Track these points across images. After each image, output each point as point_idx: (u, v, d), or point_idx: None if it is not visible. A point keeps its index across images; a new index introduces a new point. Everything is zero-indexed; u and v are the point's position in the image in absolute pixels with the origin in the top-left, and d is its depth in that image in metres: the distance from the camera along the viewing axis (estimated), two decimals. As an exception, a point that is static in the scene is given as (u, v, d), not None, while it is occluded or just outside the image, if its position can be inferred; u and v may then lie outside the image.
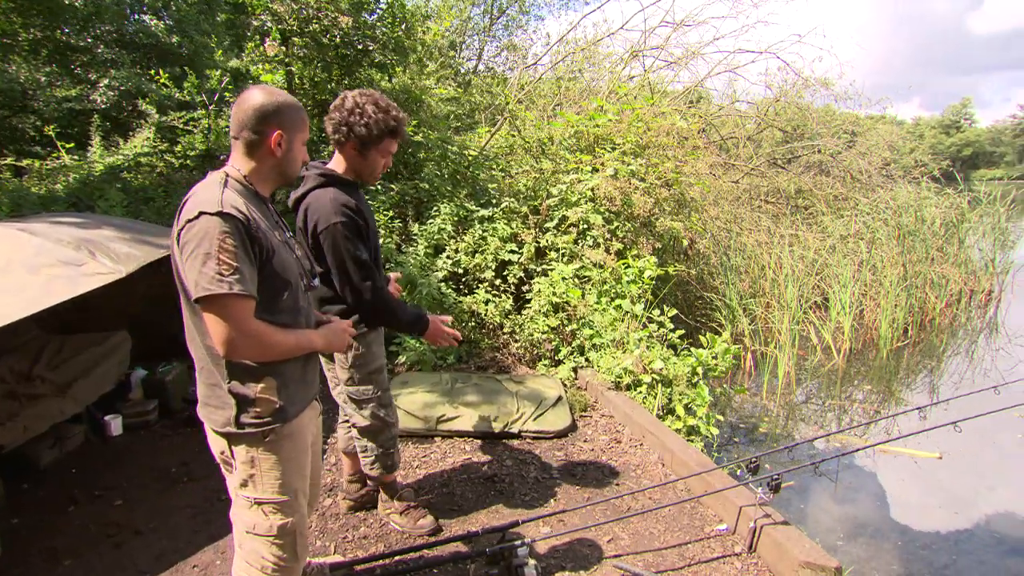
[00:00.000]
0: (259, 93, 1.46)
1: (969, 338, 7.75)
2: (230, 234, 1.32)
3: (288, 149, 1.51)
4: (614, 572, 2.28)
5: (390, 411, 2.33)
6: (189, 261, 1.31)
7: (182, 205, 1.39)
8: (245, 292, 1.32)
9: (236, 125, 1.46)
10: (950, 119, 65.75)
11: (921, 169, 11.34)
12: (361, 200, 2.12)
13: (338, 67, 5.70)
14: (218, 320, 1.32)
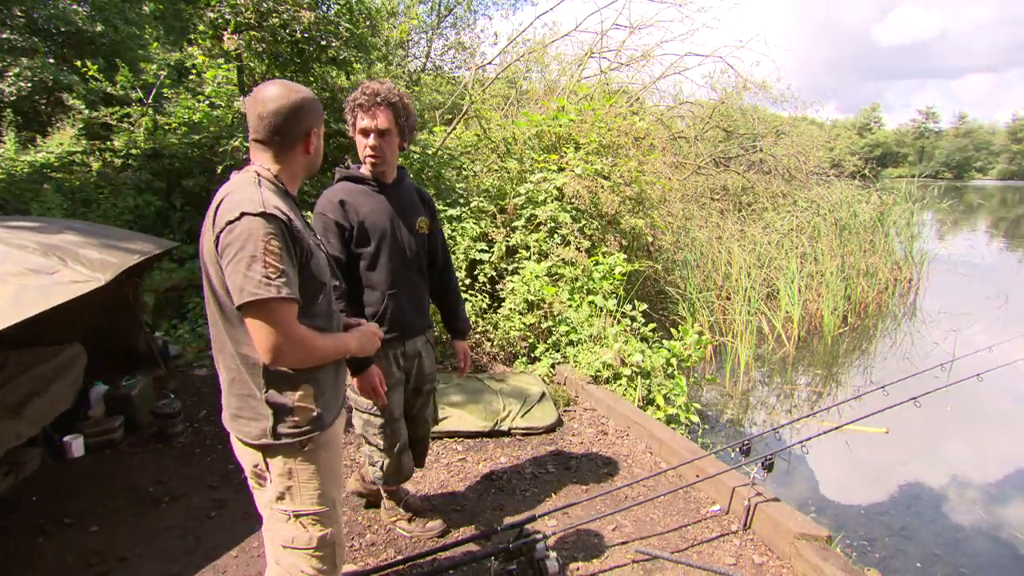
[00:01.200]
0: (280, 91, 1.37)
1: (896, 323, 8.43)
2: (275, 235, 1.25)
3: (318, 144, 1.47)
4: (633, 555, 2.34)
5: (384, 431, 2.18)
6: (232, 265, 1.24)
7: (216, 207, 1.31)
8: (292, 295, 1.26)
9: (263, 129, 1.37)
10: (862, 122, 71.04)
11: (853, 167, 12.19)
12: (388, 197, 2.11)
13: (293, 63, 5.49)
14: (264, 326, 1.25)
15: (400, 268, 2.11)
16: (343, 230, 1.99)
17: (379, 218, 2.04)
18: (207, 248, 1.33)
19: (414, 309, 2.19)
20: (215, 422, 3.49)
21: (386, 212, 2.06)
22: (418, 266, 2.20)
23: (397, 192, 2.13)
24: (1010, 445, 4.70)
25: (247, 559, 2.30)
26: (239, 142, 4.79)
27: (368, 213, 2.02)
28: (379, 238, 2.04)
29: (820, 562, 2.19)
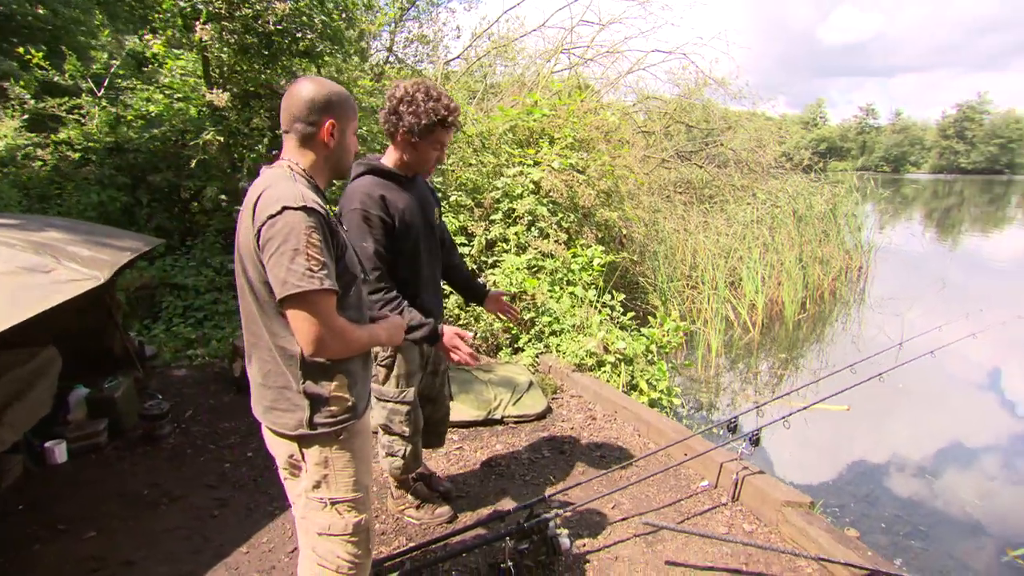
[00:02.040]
0: (309, 84, 1.41)
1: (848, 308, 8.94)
2: (315, 229, 1.28)
3: (341, 139, 1.47)
4: (635, 529, 2.47)
5: (409, 417, 2.25)
6: (275, 258, 1.26)
7: (254, 201, 1.32)
8: (334, 287, 1.30)
9: (288, 118, 1.41)
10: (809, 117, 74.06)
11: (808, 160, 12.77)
12: (410, 192, 2.06)
13: (261, 55, 5.36)
14: (307, 317, 1.28)
15: (430, 259, 2.17)
16: (386, 224, 1.97)
17: (414, 212, 2.06)
18: (245, 243, 1.34)
19: (436, 296, 2.27)
20: (203, 422, 3.43)
21: (416, 206, 2.09)
22: (438, 255, 2.27)
23: (417, 184, 2.16)
24: (956, 416, 5.11)
25: (259, 555, 2.31)
26: (211, 135, 4.66)
27: (404, 208, 2.02)
28: (416, 232, 2.07)
29: (806, 526, 2.38)
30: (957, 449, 4.49)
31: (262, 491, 2.76)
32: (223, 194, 4.94)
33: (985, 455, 4.42)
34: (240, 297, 1.44)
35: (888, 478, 3.99)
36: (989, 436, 4.73)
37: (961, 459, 4.35)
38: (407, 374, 2.21)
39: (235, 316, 4.61)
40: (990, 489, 3.89)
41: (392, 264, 2.02)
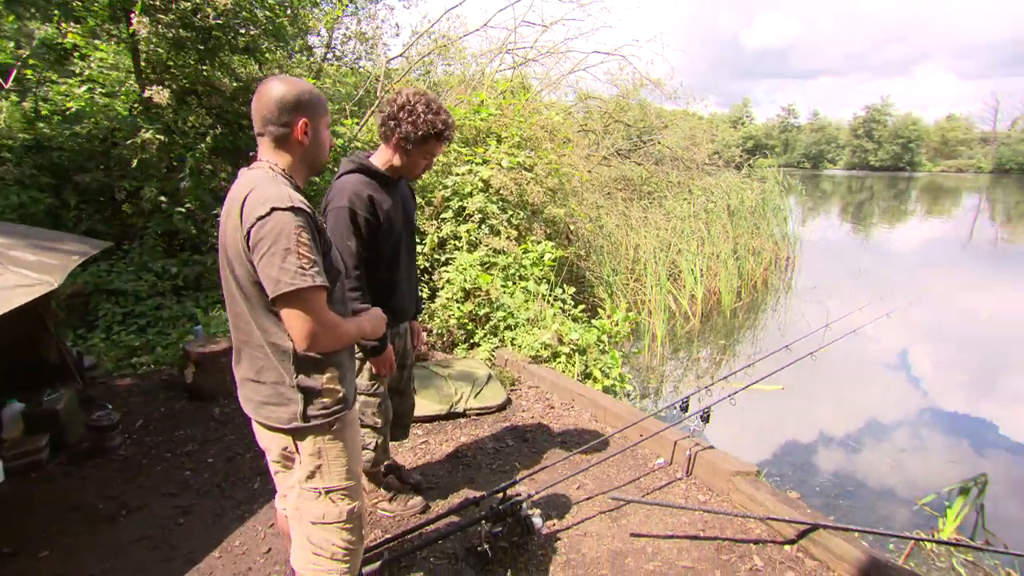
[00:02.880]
0: (278, 84, 1.42)
1: (778, 296, 9.60)
2: (304, 228, 1.32)
3: (315, 136, 1.49)
4: (600, 507, 2.62)
5: (381, 408, 2.32)
6: (267, 258, 1.29)
7: (241, 204, 1.34)
8: (324, 284, 1.34)
9: (260, 120, 1.42)
10: (736, 116, 77.86)
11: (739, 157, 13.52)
12: (392, 195, 2.09)
13: (196, 50, 5.15)
14: (300, 314, 1.32)
15: (408, 260, 2.24)
16: (370, 225, 2.01)
17: (397, 213, 2.11)
18: (233, 244, 1.36)
19: (411, 295, 2.33)
20: (156, 431, 3.31)
21: (399, 206, 2.14)
22: (415, 256, 2.35)
23: (400, 186, 2.21)
24: (874, 389, 5.64)
25: (232, 558, 2.29)
26: (150, 134, 4.45)
27: (389, 209, 2.07)
28: (398, 233, 2.12)
29: (754, 492, 2.61)
30: (875, 419, 4.98)
31: (227, 496, 2.72)
32: (162, 195, 4.72)
33: (898, 423, 4.92)
34: (228, 298, 1.45)
35: (820, 447, 4.38)
36: (900, 406, 5.27)
37: (879, 428, 4.83)
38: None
39: (180, 321, 4.44)
40: (902, 452, 4.35)
41: (372, 264, 2.06)
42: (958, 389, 5.68)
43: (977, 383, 5.86)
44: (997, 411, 5.13)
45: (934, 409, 5.19)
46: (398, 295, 2.22)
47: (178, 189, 4.73)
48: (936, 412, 5.13)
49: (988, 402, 5.36)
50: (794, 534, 2.42)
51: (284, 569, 2.22)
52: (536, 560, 2.31)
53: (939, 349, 6.92)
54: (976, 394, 5.56)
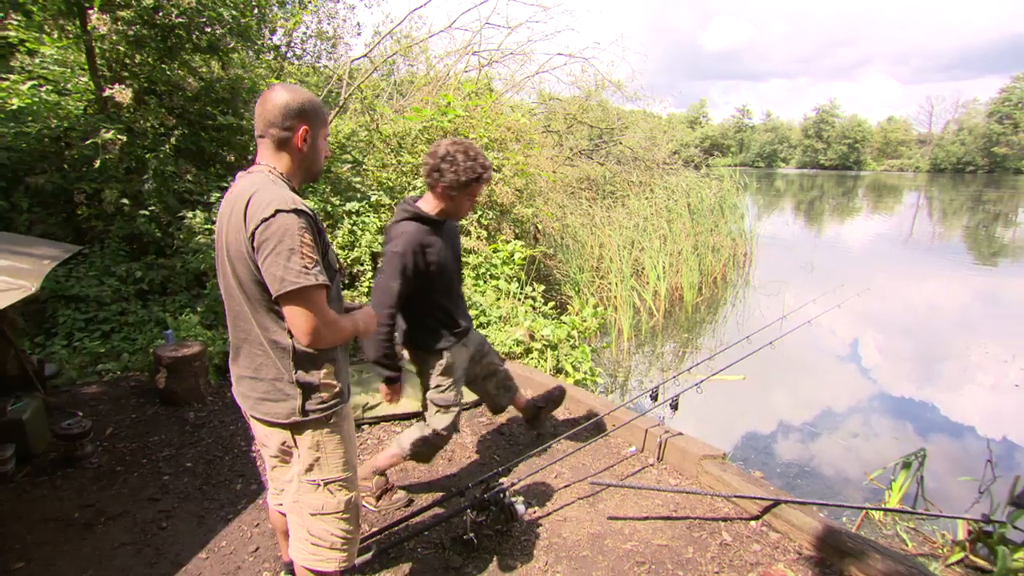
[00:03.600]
0: (283, 92, 1.48)
1: (737, 291, 9.99)
2: (307, 229, 1.38)
3: (313, 144, 1.55)
4: (578, 493, 2.74)
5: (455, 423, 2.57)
6: (271, 258, 1.34)
7: (244, 206, 1.39)
8: (326, 282, 1.41)
9: (263, 124, 1.48)
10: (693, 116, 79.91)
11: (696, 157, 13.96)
12: (441, 235, 2.37)
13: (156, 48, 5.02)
14: (303, 311, 1.38)
15: (458, 286, 2.59)
16: (418, 270, 2.28)
17: (446, 254, 2.39)
18: (235, 246, 1.41)
19: (465, 313, 2.63)
20: (129, 437, 3.26)
21: (449, 248, 2.43)
22: (462, 281, 2.69)
23: (450, 226, 2.50)
24: (827, 376, 5.99)
25: (220, 558, 2.30)
26: (112, 134, 4.33)
27: (439, 251, 2.34)
28: (449, 269, 2.42)
29: (721, 473, 2.78)
30: (829, 404, 5.30)
31: (210, 498, 2.72)
32: (124, 197, 4.59)
33: (848, 407, 5.25)
34: (227, 297, 1.50)
35: (780, 432, 4.64)
36: (851, 391, 5.62)
37: (832, 412, 5.14)
38: (460, 379, 2.58)
39: (147, 326, 4.35)
40: (852, 433, 4.66)
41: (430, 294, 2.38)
42: (901, 374, 6.09)
43: (917, 368, 6.29)
44: (934, 392, 5.54)
45: (880, 393, 5.56)
46: (456, 316, 2.51)
47: (140, 191, 4.61)
48: (882, 395, 5.50)
49: (926, 385, 5.78)
50: (758, 510, 2.61)
51: (274, 566, 2.25)
52: (520, 545, 2.41)
53: (884, 337, 7.37)
54: (916, 378, 5.98)
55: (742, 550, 2.40)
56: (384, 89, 9.54)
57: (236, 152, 5.51)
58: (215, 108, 5.14)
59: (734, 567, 2.31)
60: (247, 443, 3.24)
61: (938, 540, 2.95)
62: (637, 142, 13.02)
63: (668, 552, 2.39)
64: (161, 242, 4.77)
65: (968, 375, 6.00)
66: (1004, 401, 5.26)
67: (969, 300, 9.38)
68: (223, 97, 5.15)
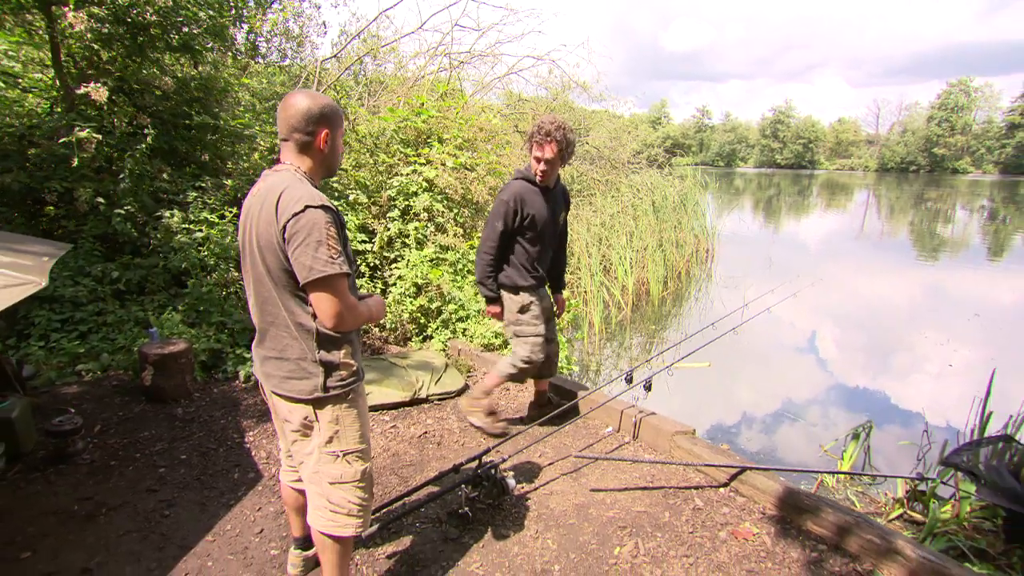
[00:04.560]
0: (305, 98, 1.62)
1: (700, 284, 10.43)
2: (332, 223, 1.54)
3: (332, 145, 1.70)
4: (568, 467, 2.95)
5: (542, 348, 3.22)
6: (301, 248, 1.49)
7: (276, 200, 1.52)
8: (349, 271, 1.57)
9: (287, 128, 1.62)
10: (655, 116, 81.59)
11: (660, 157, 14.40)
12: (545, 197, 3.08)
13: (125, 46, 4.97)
14: (329, 297, 1.54)
15: (546, 246, 3.17)
16: (516, 216, 2.96)
17: (541, 213, 3.01)
18: (266, 237, 1.55)
19: (547, 267, 3.28)
20: (119, 434, 3.30)
21: (546, 208, 3.03)
22: (554, 242, 3.26)
23: (553, 193, 3.11)
24: (786, 359, 6.38)
25: (227, 540, 2.41)
26: (87, 133, 4.29)
27: (536, 209, 2.99)
28: (541, 227, 3.04)
29: (691, 447, 3.04)
30: (787, 384, 5.68)
31: (209, 487, 2.81)
32: (99, 196, 4.55)
33: (805, 386, 5.64)
34: (255, 284, 1.64)
35: (743, 411, 4.97)
36: (806, 372, 6.02)
37: (790, 391, 5.51)
38: (540, 315, 3.18)
39: (127, 326, 4.34)
40: (809, 409, 5.03)
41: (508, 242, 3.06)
42: (850, 356, 6.55)
43: (865, 351, 6.78)
44: (879, 372, 6.01)
45: (832, 374, 5.99)
46: (538, 265, 3.16)
47: (112, 191, 4.58)
48: (834, 376, 5.92)
49: (873, 365, 6.25)
50: (726, 478, 2.87)
51: (280, 545, 2.38)
52: (511, 517, 2.60)
53: (836, 324, 7.87)
54: (864, 359, 6.45)
55: (713, 513, 2.65)
56: (354, 89, 9.55)
57: (210, 152, 5.50)
58: (189, 107, 5.13)
59: (706, 527, 2.55)
60: (240, 436, 3.32)
61: (882, 500, 3.28)
62: (603, 142, 13.37)
63: (647, 517, 2.62)
64: (137, 242, 4.75)
65: (909, 356, 6.50)
66: (939, 378, 5.75)
67: (911, 291, 10.06)
68: (196, 96, 5.14)
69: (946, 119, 64.73)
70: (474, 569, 2.26)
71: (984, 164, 63.15)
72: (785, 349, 6.85)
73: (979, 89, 65.50)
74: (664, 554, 2.37)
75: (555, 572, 2.25)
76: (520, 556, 2.34)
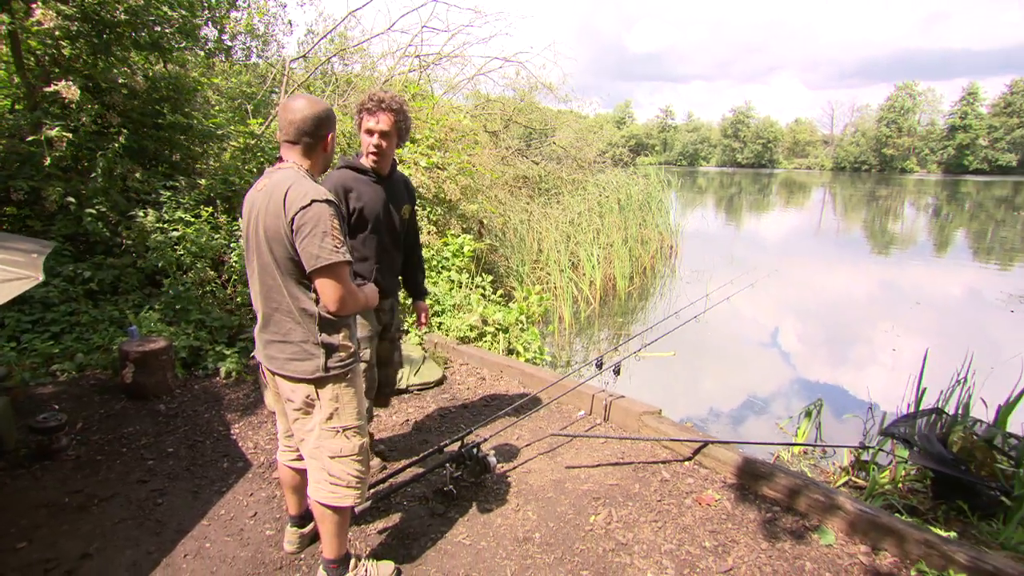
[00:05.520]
0: (310, 105, 1.76)
1: (664, 279, 10.81)
2: (335, 216, 1.70)
3: (332, 145, 1.88)
4: (544, 447, 3.15)
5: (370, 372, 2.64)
6: (308, 239, 1.64)
7: (283, 195, 1.67)
8: (351, 260, 1.72)
9: (296, 132, 1.76)
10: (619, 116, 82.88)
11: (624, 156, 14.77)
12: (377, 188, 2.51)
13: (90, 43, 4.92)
14: (333, 283, 1.69)
15: (385, 245, 2.56)
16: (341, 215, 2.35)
17: (375, 205, 2.45)
18: (274, 228, 1.69)
19: (392, 276, 2.68)
20: (102, 430, 3.33)
21: (380, 200, 2.48)
22: (397, 243, 2.66)
23: (390, 183, 2.54)
24: (743, 347, 6.75)
25: (222, 523, 2.51)
26: (58, 131, 4.25)
27: (367, 201, 2.42)
28: (373, 221, 2.46)
29: (658, 425, 3.28)
30: (744, 367, 6.03)
31: (200, 476, 2.90)
32: (69, 196, 4.51)
33: (761, 369, 6.00)
34: (260, 272, 1.77)
35: (705, 394, 5.28)
36: (762, 356, 6.39)
37: (747, 373, 5.86)
38: (366, 337, 2.54)
39: (102, 326, 4.33)
40: (765, 389, 5.38)
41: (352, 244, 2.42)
42: (804, 341, 6.97)
43: (818, 336, 7.22)
44: (831, 354, 6.45)
45: (788, 358, 6.39)
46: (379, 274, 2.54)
47: (90, 190, 4.54)
48: (789, 360, 6.32)
49: (825, 348, 6.68)
50: (690, 452, 3.11)
51: (275, 526, 2.50)
52: (493, 493, 2.78)
53: (792, 313, 8.33)
54: (817, 344, 6.88)
55: (679, 483, 2.89)
56: (324, 89, 9.54)
57: (181, 151, 5.49)
58: (159, 107, 5.11)
59: (673, 496, 2.79)
60: (225, 428, 3.40)
61: (831, 470, 3.60)
62: (569, 141, 13.67)
63: (619, 489, 2.84)
64: (110, 242, 4.73)
65: (857, 341, 6.97)
66: (883, 360, 6.20)
67: (862, 282, 10.67)
68: (167, 96, 5.13)
69: (893, 121, 67.89)
70: (461, 540, 2.43)
71: (929, 164, 66.52)
72: (744, 338, 7.23)
73: (923, 93, 69.00)
74: (635, 520, 2.59)
75: (536, 539, 2.44)
76: (503, 527, 2.53)
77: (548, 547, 2.39)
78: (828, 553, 2.37)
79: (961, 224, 20.67)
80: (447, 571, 2.24)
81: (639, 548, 2.39)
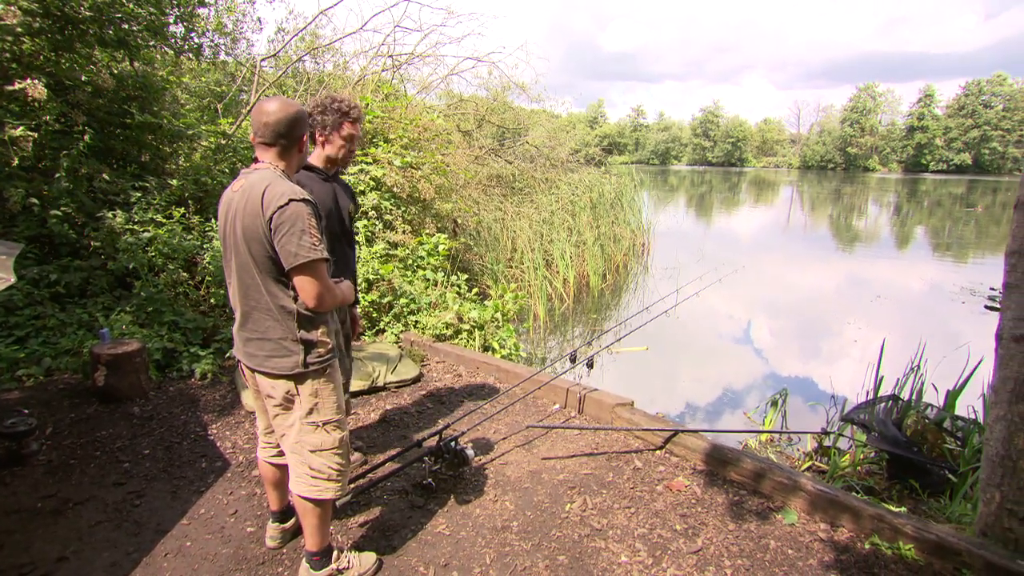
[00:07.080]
0: (285, 107, 1.80)
1: (637, 276, 11.01)
2: (312, 215, 1.74)
3: (307, 145, 1.93)
4: (520, 439, 3.22)
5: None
6: (286, 237, 1.68)
7: (261, 195, 1.70)
8: (328, 257, 1.77)
9: (272, 134, 1.80)
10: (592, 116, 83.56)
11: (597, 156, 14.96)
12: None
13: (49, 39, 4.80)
14: (312, 280, 1.73)
15: (338, 240, 2.57)
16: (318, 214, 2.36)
17: (326, 201, 2.48)
18: (252, 228, 1.72)
19: (347, 271, 2.67)
20: (74, 434, 3.29)
21: (331, 197, 2.52)
22: (350, 240, 2.69)
23: (336, 182, 2.62)
24: (712, 340, 6.95)
25: (202, 522, 2.52)
26: (22, 130, 4.15)
27: (321, 198, 2.38)
28: (326, 217, 2.41)
29: (631, 416, 3.39)
30: (714, 358, 6.22)
31: (177, 477, 2.89)
32: (31, 197, 4.40)
33: (729, 360, 6.20)
34: (240, 271, 1.80)
35: (676, 386, 5.43)
36: (730, 347, 6.60)
37: (716, 364, 6.05)
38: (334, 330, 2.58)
39: (70, 329, 4.24)
40: (733, 380, 5.56)
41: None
42: (770, 333, 7.22)
43: (784, 328, 7.47)
44: (795, 346, 6.69)
45: (754, 349, 6.61)
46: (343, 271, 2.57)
47: (55, 191, 4.44)
48: (755, 351, 6.54)
49: (789, 340, 6.93)
50: (661, 441, 3.23)
51: (256, 523, 2.52)
52: (472, 485, 2.85)
53: (759, 307, 8.60)
54: (782, 336, 7.12)
55: (651, 471, 3.01)
56: (295, 88, 9.45)
57: (151, 152, 5.40)
58: (127, 106, 5.02)
59: (645, 483, 2.90)
60: (202, 429, 3.39)
61: (795, 456, 3.77)
62: (542, 141, 13.78)
63: (593, 478, 2.94)
64: (76, 243, 4.63)
65: (821, 333, 7.24)
66: (845, 350, 6.47)
67: (827, 276, 11.05)
68: (134, 95, 5.04)
69: (856, 121, 70.13)
70: (441, 530, 2.49)
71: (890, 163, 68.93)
72: (714, 332, 7.44)
73: (883, 94, 71.47)
74: (609, 507, 2.69)
75: (514, 527, 2.52)
76: (482, 516, 2.60)
77: (526, 535, 2.47)
78: (791, 531, 2.50)
79: (920, 220, 21.53)
80: (428, 561, 2.30)
81: (613, 533, 2.49)
